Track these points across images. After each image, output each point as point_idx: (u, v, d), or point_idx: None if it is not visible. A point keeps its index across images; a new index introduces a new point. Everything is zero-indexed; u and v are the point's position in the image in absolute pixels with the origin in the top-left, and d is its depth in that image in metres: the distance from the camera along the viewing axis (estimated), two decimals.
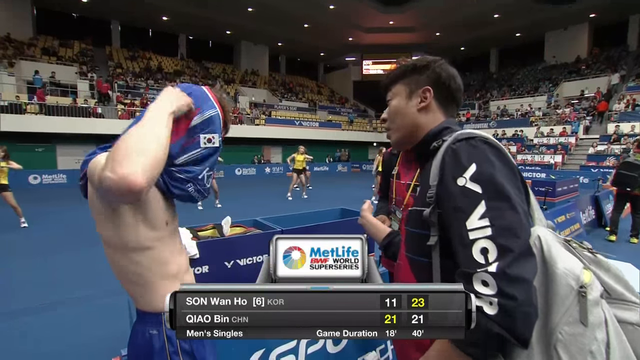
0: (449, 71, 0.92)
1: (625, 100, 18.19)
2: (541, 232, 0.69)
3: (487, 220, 0.64)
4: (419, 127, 0.92)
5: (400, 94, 0.96)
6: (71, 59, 18.98)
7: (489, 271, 0.60)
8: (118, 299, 3.33)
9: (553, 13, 21.40)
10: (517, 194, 0.68)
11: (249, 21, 22.84)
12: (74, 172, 14.73)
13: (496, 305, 0.58)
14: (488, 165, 0.69)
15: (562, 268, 0.63)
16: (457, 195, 0.69)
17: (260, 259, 2.14)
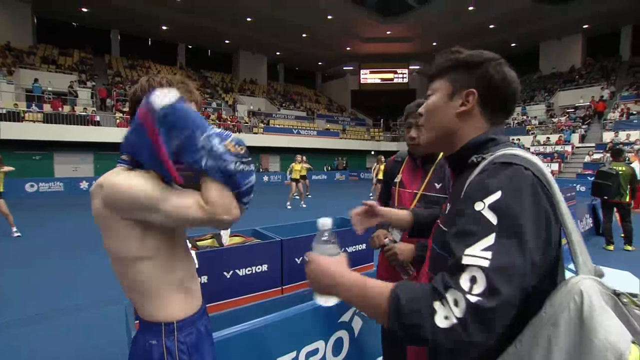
0: (504, 74, 0.78)
1: (619, 109, 18.40)
2: (585, 285, 0.59)
3: (490, 253, 0.59)
4: (455, 133, 0.82)
5: (441, 91, 0.84)
6: (71, 67, 19.05)
7: (467, 298, 0.56)
8: (113, 309, 3.30)
9: (547, 23, 21.77)
10: (535, 239, 0.60)
11: (247, 31, 23.08)
12: (70, 180, 14.66)
13: (451, 324, 0.56)
14: (515, 198, 0.62)
15: (603, 339, 0.54)
16: (470, 219, 0.64)
17: (259, 269, 2.13)
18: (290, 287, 2.24)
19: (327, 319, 1.89)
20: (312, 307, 1.81)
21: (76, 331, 3.04)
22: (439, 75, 0.85)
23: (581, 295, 0.58)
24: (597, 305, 0.57)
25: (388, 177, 1.80)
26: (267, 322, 1.64)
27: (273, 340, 1.67)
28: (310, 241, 2.14)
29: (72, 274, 4.55)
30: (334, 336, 1.92)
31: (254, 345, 1.60)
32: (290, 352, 1.73)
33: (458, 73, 0.81)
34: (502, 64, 0.79)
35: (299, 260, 2.30)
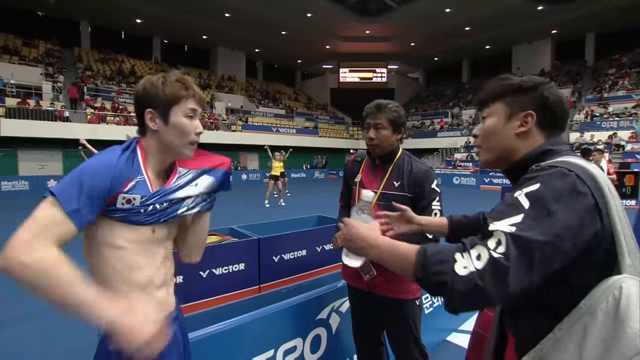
0: (557, 95, 0.85)
1: (584, 112, 19.38)
2: (627, 283, 0.64)
3: (515, 228, 0.65)
4: (515, 151, 0.88)
5: (498, 114, 0.90)
6: (36, 59, 18.08)
7: (490, 253, 0.63)
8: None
9: (519, 28, 22.60)
10: (564, 229, 0.64)
11: (225, 26, 22.66)
12: (37, 178, 13.95)
13: (468, 272, 0.63)
14: (550, 190, 0.67)
15: (635, 328, 0.60)
16: (507, 202, 0.71)
17: (236, 268, 2.10)
18: (267, 285, 2.23)
19: (304, 317, 1.89)
20: (289, 305, 1.81)
21: (47, 334, 2.91)
22: (493, 99, 0.92)
23: (620, 290, 0.63)
24: (635, 300, 0.62)
25: (348, 176, 1.81)
26: (243, 321, 1.62)
27: (250, 339, 1.65)
28: (288, 239, 2.14)
29: None
30: (312, 333, 1.92)
31: (230, 344, 1.58)
32: (267, 350, 1.71)
33: (514, 97, 0.88)
34: (553, 87, 0.87)
35: (276, 258, 2.29)
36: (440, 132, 25.09)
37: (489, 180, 16.75)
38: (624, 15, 20.11)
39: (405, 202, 1.58)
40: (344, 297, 2.04)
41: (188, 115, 1.02)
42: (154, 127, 0.99)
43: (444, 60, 30.96)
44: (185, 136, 1.02)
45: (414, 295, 1.64)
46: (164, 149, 1.03)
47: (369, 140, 1.63)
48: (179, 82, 1.01)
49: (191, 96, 1.02)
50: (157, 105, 0.98)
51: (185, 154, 1.05)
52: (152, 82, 0.99)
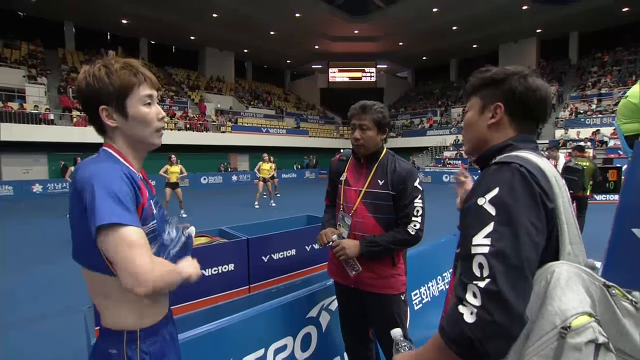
0: (527, 85, 0.85)
1: (569, 109, 19.79)
2: (559, 268, 0.68)
3: (489, 240, 0.68)
4: (487, 142, 0.91)
5: (473, 107, 0.94)
6: (18, 61, 17.67)
7: (479, 286, 0.65)
8: (72, 318, 3.13)
9: (504, 27, 22.96)
10: (530, 226, 0.68)
11: (213, 27, 22.48)
12: (21, 183, 13.67)
13: (475, 315, 0.64)
14: (509, 192, 0.71)
15: (555, 307, 0.64)
16: (474, 212, 0.74)
17: (226, 268, 2.10)
18: (257, 285, 2.24)
19: (294, 315, 1.91)
20: (279, 304, 1.82)
21: (35, 342, 2.87)
22: (472, 93, 0.96)
23: (552, 274, 0.67)
24: (562, 282, 0.66)
25: (334, 175, 1.84)
26: (233, 321, 1.63)
27: (240, 338, 1.66)
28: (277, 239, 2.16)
29: (29, 282, 4.26)
30: (302, 332, 1.94)
31: (220, 344, 1.58)
32: (258, 349, 1.73)
33: (486, 90, 0.91)
34: (525, 76, 0.86)
35: (265, 258, 2.30)
36: (429, 130, 25.34)
37: (477, 178, 16.96)
38: (605, 15, 20.61)
39: (388, 199, 1.62)
40: (333, 295, 2.06)
41: (146, 103, 0.94)
42: (113, 124, 0.92)
43: (432, 60, 31.24)
44: (150, 125, 0.96)
45: (399, 290, 1.67)
46: (133, 144, 0.97)
47: (354, 141, 1.67)
48: (125, 68, 0.92)
49: (143, 81, 0.94)
50: (109, 100, 0.90)
51: (155, 142, 1.00)
52: (95, 75, 0.89)
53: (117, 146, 0.95)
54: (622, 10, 20.25)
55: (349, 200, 1.70)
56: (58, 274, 4.27)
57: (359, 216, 1.66)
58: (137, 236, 0.80)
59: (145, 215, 0.91)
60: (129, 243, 0.78)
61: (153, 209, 0.96)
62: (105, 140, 0.97)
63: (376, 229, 1.63)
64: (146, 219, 0.91)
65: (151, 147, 1.00)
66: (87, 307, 1.72)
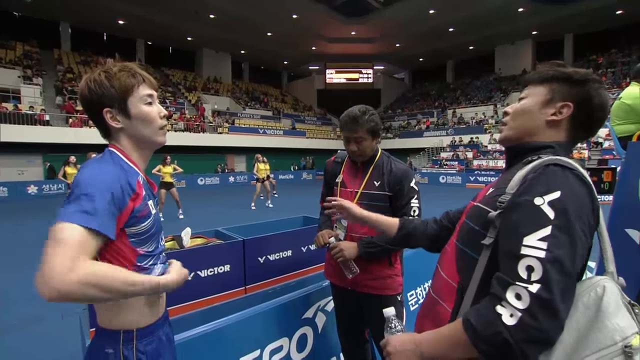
0: (602, 98, 0.82)
1: None
2: (609, 284, 0.68)
3: (546, 244, 0.66)
4: (534, 135, 0.87)
5: (537, 96, 0.87)
6: (13, 61, 17.57)
7: (529, 289, 0.64)
8: (68, 320, 3.11)
9: (501, 29, 23.10)
10: (583, 237, 0.68)
11: (210, 28, 22.47)
12: (16, 184, 13.57)
13: (517, 318, 0.63)
14: (571, 199, 0.69)
15: (615, 323, 0.64)
16: (529, 211, 0.70)
17: (222, 270, 2.10)
18: (253, 286, 2.23)
19: (290, 316, 1.91)
20: (275, 305, 1.82)
21: (31, 344, 2.85)
22: (540, 81, 0.88)
23: (604, 289, 0.67)
24: (616, 300, 0.66)
25: (329, 177, 1.85)
26: (229, 322, 1.62)
27: (236, 339, 1.66)
28: (273, 240, 2.15)
29: (23, 283, 4.23)
30: (298, 333, 1.93)
31: (216, 345, 1.58)
32: (253, 350, 1.72)
33: (561, 85, 0.84)
34: (602, 88, 0.82)
35: (261, 259, 2.29)
36: (426, 131, 25.44)
37: (474, 179, 17.06)
38: (600, 17, 20.81)
39: (385, 200, 1.63)
40: (329, 296, 2.06)
41: (146, 102, 0.98)
42: (117, 125, 0.95)
43: (429, 61, 31.39)
44: (153, 123, 0.99)
45: (396, 290, 1.68)
46: (138, 143, 1.00)
47: (351, 153, 1.67)
48: (124, 70, 0.96)
49: (142, 82, 0.98)
50: (112, 102, 0.93)
51: (160, 140, 1.03)
52: (96, 81, 0.93)
53: (123, 147, 0.98)
54: (616, 13, 20.47)
55: None
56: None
57: None
58: (72, 235, 0.75)
59: (138, 215, 0.91)
60: (57, 240, 0.74)
61: (150, 209, 0.97)
62: (110, 143, 1.00)
63: (372, 230, 1.63)
64: (138, 218, 0.91)
65: (156, 145, 1.03)
66: (82, 308, 1.71)
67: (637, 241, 2.43)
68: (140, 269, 0.95)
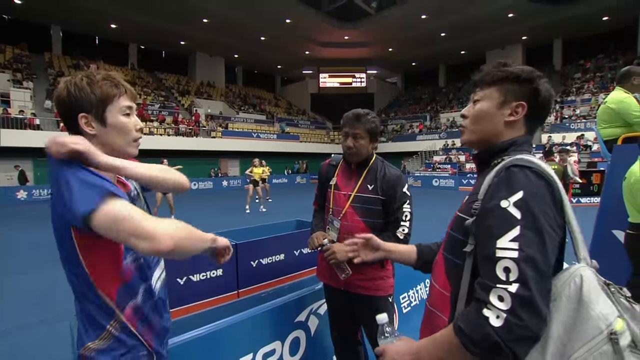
0: (549, 92, 0.87)
1: (554, 114, 20.27)
2: (585, 272, 0.70)
3: (517, 244, 0.69)
4: (497, 137, 0.90)
5: (491, 99, 0.90)
6: (3, 65, 17.35)
7: (509, 290, 0.66)
8: (59, 326, 3.07)
9: (492, 34, 23.44)
10: (551, 232, 0.71)
11: (203, 32, 22.45)
12: (5, 189, 13.36)
13: (503, 319, 0.65)
14: (534, 197, 0.72)
15: (598, 311, 0.66)
16: (497, 215, 0.74)
17: (214, 274, 2.10)
18: (246, 290, 2.23)
19: (283, 320, 1.91)
20: (267, 308, 1.83)
21: (25, 350, 2.81)
22: (489, 84, 0.91)
23: (581, 278, 0.69)
24: (594, 287, 0.69)
25: (323, 180, 1.88)
26: (221, 326, 1.62)
27: (228, 343, 1.66)
28: (265, 244, 2.16)
29: (13, 291, 4.16)
30: (291, 336, 1.94)
31: (208, 349, 1.58)
32: (246, 354, 1.72)
33: (510, 85, 0.88)
34: (546, 82, 0.88)
35: (254, 263, 2.30)
36: (419, 135, 25.63)
37: (467, 182, 17.20)
38: (587, 23, 21.25)
39: (377, 204, 1.65)
40: (322, 300, 2.07)
41: (125, 113, 0.98)
42: (91, 131, 0.93)
43: (421, 65, 31.70)
44: (127, 134, 0.98)
45: (387, 292, 1.70)
46: (109, 153, 0.94)
47: (347, 149, 1.70)
48: (106, 79, 0.96)
49: (123, 93, 0.98)
50: (90, 108, 0.92)
51: (131, 152, 1.01)
52: (77, 85, 0.92)
53: None
54: (602, 19, 20.92)
55: (339, 204, 1.73)
56: (42, 281, 4.19)
57: (348, 220, 1.69)
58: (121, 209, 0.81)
59: None
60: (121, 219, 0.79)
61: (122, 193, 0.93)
62: None
63: (365, 233, 1.65)
64: None
65: (128, 156, 1.01)
66: (72, 314, 1.70)
67: (622, 241, 2.49)
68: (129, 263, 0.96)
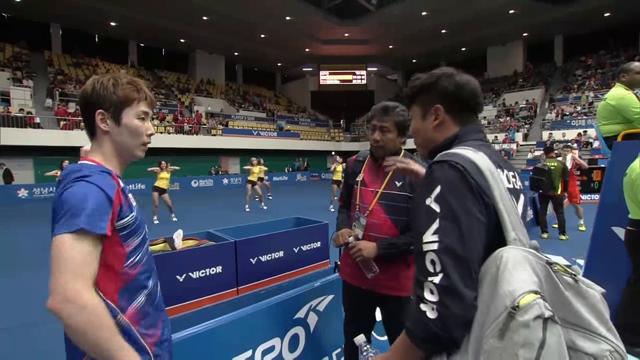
0: (456, 81, 0.93)
1: (555, 111, 20.21)
2: (507, 252, 0.72)
3: (437, 236, 0.74)
4: (435, 142, 0.97)
5: (416, 115, 1.01)
6: (2, 63, 17.33)
7: (434, 282, 0.71)
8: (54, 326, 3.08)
9: (492, 30, 23.34)
10: (470, 218, 0.74)
11: (203, 30, 22.39)
12: (5, 188, 13.38)
13: (436, 310, 0.70)
14: (449, 189, 0.77)
15: (505, 289, 0.68)
16: (422, 212, 0.79)
17: (213, 271, 2.10)
18: (245, 287, 2.24)
19: (282, 317, 1.92)
20: (267, 305, 1.83)
21: (27, 349, 2.83)
22: (411, 102, 1.02)
23: (501, 259, 0.71)
24: (510, 266, 0.70)
25: (350, 175, 1.82)
26: (220, 322, 1.63)
27: (228, 340, 1.67)
28: (264, 241, 2.16)
29: (19, 289, 4.18)
30: (290, 333, 1.95)
31: (208, 346, 1.58)
32: (245, 351, 1.73)
33: (422, 96, 0.98)
34: (452, 75, 0.94)
35: (253, 260, 2.30)
36: None
37: None
38: (588, 19, 21.14)
39: (405, 201, 1.61)
40: (321, 296, 2.07)
41: (140, 117, 1.03)
42: (104, 127, 0.99)
43: (422, 62, 31.54)
44: (138, 137, 1.03)
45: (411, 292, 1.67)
46: (119, 150, 1.03)
47: (373, 142, 1.66)
48: (131, 84, 1.02)
49: (143, 99, 1.03)
50: (109, 106, 0.98)
51: (138, 155, 1.06)
52: (103, 83, 0.98)
53: (103, 151, 1.01)
54: (603, 15, 20.79)
55: (365, 201, 1.68)
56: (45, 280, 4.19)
57: (374, 217, 1.64)
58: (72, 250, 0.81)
59: (124, 208, 0.94)
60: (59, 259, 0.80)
61: (132, 201, 1.00)
62: (92, 145, 1.03)
63: (391, 230, 1.61)
64: (124, 211, 0.94)
65: (133, 158, 1.07)
66: None
67: (622, 238, 2.49)
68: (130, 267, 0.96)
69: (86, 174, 0.89)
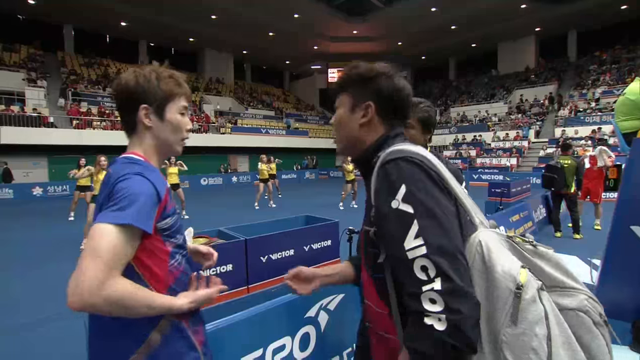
0: (393, 84, 0.87)
1: (568, 107, 19.79)
2: (482, 236, 0.71)
3: (421, 239, 0.67)
4: (360, 141, 0.90)
5: (344, 105, 0.92)
6: (17, 64, 17.69)
7: (435, 289, 0.64)
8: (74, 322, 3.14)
9: (503, 26, 22.95)
10: (444, 209, 0.71)
11: (212, 29, 22.52)
12: (22, 186, 13.67)
13: (445, 321, 0.63)
14: (416, 186, 0.72)
15: (501, 271, 0.66)
16: (393, 218, 0.72)
17: (224, 269, 2.11)
18: (255, 285, 2.24)
19: (293, 315, 1.91)
20: (277, 304, 1.82)
21: (41, 345, 2.87)
22: (342, 89, 0.93)
23: (481, 244, 0.70)
24: (493, 248, 0.69)
25: None
26: (231, 321, 1.63)
27: (238, 339, 1.66)
28: (275, 239, 2.15)
29: (30, 286, 4.26)
30: (301, 332, 1.93)
31: (218, 345, 1.58)
32: (256, 349, 1.72)
33: (355, 88, 0.90)
34: (392, 77, 0.88)
35: (264, 259, 2.30)
36: None
37: (477, 177, 16.98)
38: (604, 13, 20.62)
39: None
40: (332, 295, 2.06)
41: (181, 112, 1.02)
42: (148, 123, 0.97)
43: (431, 59, 31.25)
44: (180, 133, 1.03)
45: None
46: (160, 147, 1.01)
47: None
48: (172, 78, 1.01)
49: (183, 93, 1.03)
50: (152, 101, 0.96)
51: (178, 150, 1.05)
52: (145, 77, 0.96)
53: (143, 147, 0.99)
54: (620, 8, 20.24)
55: None
56: (59, 276, 4.28)
57: None
58: (108, 242, 0.76)
59: (167, 209, 0.92)
60: (93, 248, 0.75)
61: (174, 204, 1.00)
62: (130, 140, 1.00)
63: None
64: (167, 211, 0.92)
65: (173, 153, 1.06)
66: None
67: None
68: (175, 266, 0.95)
69: (139, 171, 0.88)
